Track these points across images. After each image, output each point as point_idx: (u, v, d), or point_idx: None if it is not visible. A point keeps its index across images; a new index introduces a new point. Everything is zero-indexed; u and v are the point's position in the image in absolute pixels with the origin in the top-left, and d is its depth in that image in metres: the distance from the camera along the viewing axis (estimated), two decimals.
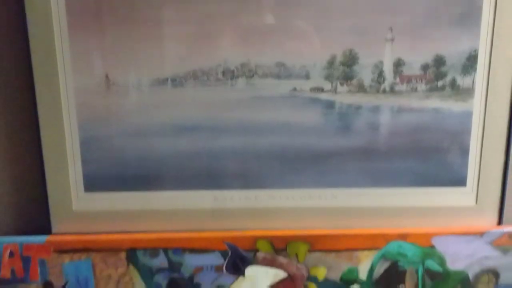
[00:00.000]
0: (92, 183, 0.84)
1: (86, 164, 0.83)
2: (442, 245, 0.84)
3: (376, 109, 0.82)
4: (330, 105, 0.82)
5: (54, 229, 0.86)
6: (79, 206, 0.85)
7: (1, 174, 0.86)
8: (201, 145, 0.82)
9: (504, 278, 0.85)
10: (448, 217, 0.86)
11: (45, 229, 0.86)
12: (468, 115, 0.83)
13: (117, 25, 0.76)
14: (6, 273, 0.83)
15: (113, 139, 0.82)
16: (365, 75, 0.80)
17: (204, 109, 0.81)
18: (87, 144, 0.82)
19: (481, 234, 0.84)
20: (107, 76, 0.79)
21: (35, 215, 0.87)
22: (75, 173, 0.83)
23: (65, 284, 0.84)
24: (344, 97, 0.82)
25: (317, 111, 0.82)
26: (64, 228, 0.85)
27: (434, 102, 0.82)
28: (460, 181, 0.86)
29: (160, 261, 0.84)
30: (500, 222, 0.87)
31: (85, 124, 0.81)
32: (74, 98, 0.80)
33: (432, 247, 0.84)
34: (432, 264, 0.84)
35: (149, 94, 0.80)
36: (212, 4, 0.75)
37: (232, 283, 0.85)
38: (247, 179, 0.85)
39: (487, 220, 0.86)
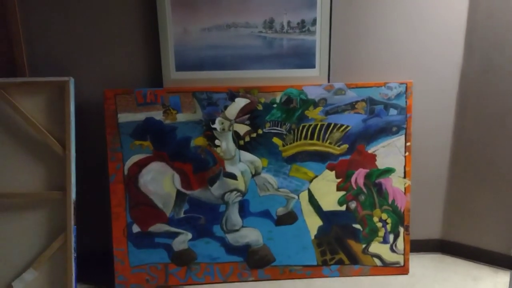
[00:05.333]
0: (178, 67, 2.36)
1: (176, 62, 2.36)
2: (307, 89, 2.37)
3: (281, 39, 2.37)
4: (264, 38, 2.37)
5: (164, 85, 2.39)
6: (174, 76, 2.38)
7: (141, 67, 2.38)
8: (222, 53, 2.35)
9: (329, 102, 2.39)
10: (309, 79, 2.38)
11: (160, 85, 2.38)
12: (314, 41, 2.38)
13: (192, 11, 2.30)
14: (148, 100, 2.35)
15: (187, 52, 2.35)
16: (277, 25, 2.35)
17: (222, 39, 2.35)
18: (176, 53, 2.35)
19: (320, 85, 2.39)
20: (185, 28, 2.34)
21: (156, 81, 2.38)
22: (170, 63, 2.37)
23: (169, 104, 2.36)
24: (270, 34, 2.36)
25: (260, 40, 2.37)
26: (167, 85, 2.36)
27: (302, 36, 2.37)
28: (313, 66, 2.40)
29: (204, 96, 2.37)
30: (329, 81, 2.42)
31: (176, 46, 2.35)
32: (173, 36, 2.34)
33: (302, 90, 2.38)
34: (303, 96, 2.38)
35: (201, 34, 2.33)
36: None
37: (230, 104, 2.38)
38: (237, 65, 2.37)
39: (323, 80, 2.41)
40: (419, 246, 2.68)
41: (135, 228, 2.37)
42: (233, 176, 2.36)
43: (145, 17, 2.28)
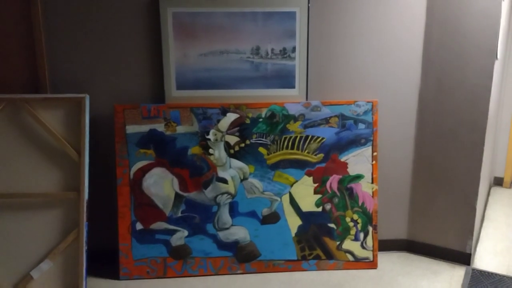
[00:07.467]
0: (178, 86, 2.77)
1: (177, 82, 2.78)
2: (288, 106, 2.78)
3: (266, 64, 2.80)
4: (252, 62, 2.80)
5: (166, 101, 2.80)
6: (174, 94, 2.79)
7: (147, 86, 2.78)
8: (216, 75, 2.77)
9: (307, 117, 2.81)
10: (290, 98, 2.79)
11: (162, 101, 2.78)
12: (294, 65, 2.81)
13: (191, 39, 2.73)
14: (152, 114, 2.75)
15: (186, 73, 2.77)
16: (263, 52, 2.78)
17: (216, 63, 2.77)
18: (177, 74, 2.77)
19: (299, 102, 2.81)
20: (184, 53, 2.76)
21: (159, 97, 2.79)
22: (172, 83, 2.78)
23: (170, 118, 2.76)
24: (256, 60, 2.79)
25: (248, 64, 2.79)
26: (169, 101, 2.75)
27: (284, 62, 2.80)
28: (293, 86, 2.82)
29: (200, 111, 2.78)
30: (307, 99, 2.84)
31: (177, 68, 2.76)
32: (175, 60, 2.76)
33: (284, 106, 2.80)
34: (284, 112, 2.80)
35: (198, 59, 2.76)
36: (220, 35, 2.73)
37: (222, 118, 2.78)
38: (228, 85, 2.79)
39: (302, 98, 2.82)
40: (388, 246, 3.04)
41: (138, 226, 2.71)
42: (224, 181, 2.73)
43: (151, 44, 2.69)
